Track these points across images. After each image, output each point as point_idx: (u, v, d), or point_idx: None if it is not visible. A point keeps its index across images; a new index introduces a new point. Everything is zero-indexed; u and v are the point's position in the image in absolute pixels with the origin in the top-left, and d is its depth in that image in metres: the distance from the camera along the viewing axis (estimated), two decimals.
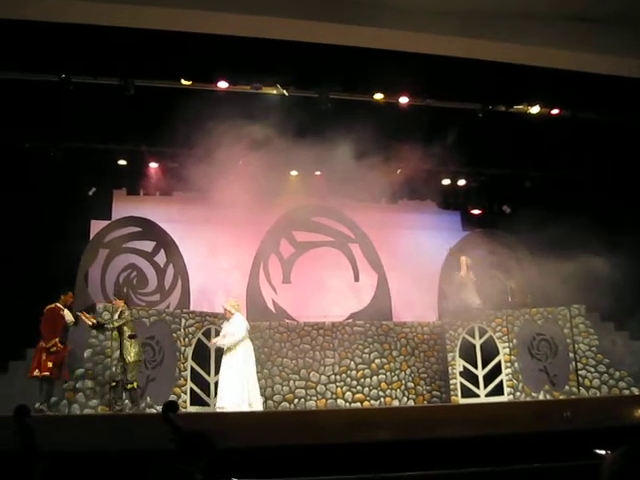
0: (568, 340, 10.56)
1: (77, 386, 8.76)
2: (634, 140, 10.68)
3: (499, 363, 10.50)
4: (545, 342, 10.61)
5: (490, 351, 10.61)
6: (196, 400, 9.65)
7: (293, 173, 11.89)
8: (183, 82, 9.48)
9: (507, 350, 10.52)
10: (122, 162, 10.94)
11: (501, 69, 9.01)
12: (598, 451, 4.42)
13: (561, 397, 10.15)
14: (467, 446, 6.10)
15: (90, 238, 11.28)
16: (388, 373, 10.94)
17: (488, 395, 10.38)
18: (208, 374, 9.87)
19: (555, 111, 10.80)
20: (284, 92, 9.85)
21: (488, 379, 10.49)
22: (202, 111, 8.93)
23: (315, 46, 8.32)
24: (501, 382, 10.40)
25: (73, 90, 9.30)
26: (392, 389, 10.86)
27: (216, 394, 9.27)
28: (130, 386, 8.33)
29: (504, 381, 10.38)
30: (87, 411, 8.63)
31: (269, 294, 11.98)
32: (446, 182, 12.23)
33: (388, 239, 12.58)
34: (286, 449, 6.05)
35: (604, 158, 11.16)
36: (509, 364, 10.43)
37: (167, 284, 11.53)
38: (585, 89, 9.62)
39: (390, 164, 11.18)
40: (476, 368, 10.60)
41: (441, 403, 10.87)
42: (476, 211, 12.79)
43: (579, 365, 10.40)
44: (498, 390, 10.37)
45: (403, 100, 10.25)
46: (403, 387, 10.94)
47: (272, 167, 10.65)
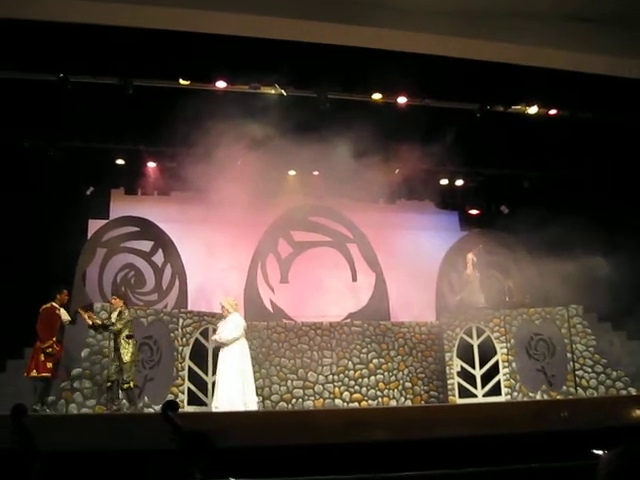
0: (566, 340, 10.58)
1: (74, 386, 8.75)
2: (632, 140, 10.70)
3: (497, 363, 10.51)
4: (543, 342, 10.63)
5: (488, 351, 10.62)
6: (194, 400, 9.65)
7: (291, 173, 11.89)
8: (181, 82, 9.48)
9: (505, 350, 10.53)
10: (120, 162, 10.93)
11: (499, 69, 9.01)
12: (596, 451, 4.42)
13: (558, 397, 10.17)
14: (465, 446, 6.10)
15: (88, 237, 11.28)
16: (386, 373, 10.95)
17: (486, 395, 10.39)
18: (206, 374, 9.86)
19: (553, 111, 10.82)
20: (282, 92, 9.86)
21: (486, 379, 10.50)
22: (200, 111, 8.91)
23: (314, 46, 8.31)
24: (499, 382, 10.41)
25: (71, 89, 9.30)
26: (390, 389, 10.87)
27: (213, 394, 9.28)
28: (127, 386, 8.31)
29: (502, 381, 10.39)
30: (84, 411, 8.62)
31: (267, 294, 11.99)
32: (444, 182, 12.25)
33: (386, 239, 12.59)
34: (283, 449, 6.04)
35: (602, 158, 11.18)
36: (507, 364, 10.44)
37: (165, 284, 11.54)
38: (583, 89, 9.62)
39: (388, 164, 11.18)
40: (474, 368, 10.61)
41: (439, 403, 10.88)
42: (474, 211, 12.81)
43: (576, 365, 10.43)
44: (496, 390, 10.38)
45: (401, 100, 10.26)
46: (401, 387, 10.95)
47: (270, 167, 10.66)
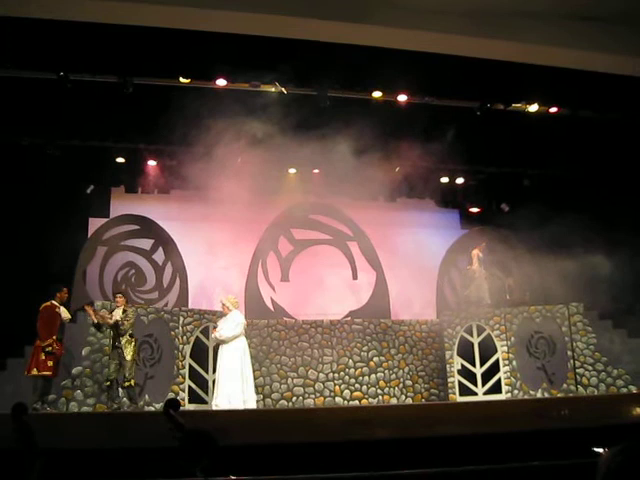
0: (566, 338, 10.58)
1: (75, 384, 8.76)
2: (633, 138, 10.69)
3: (497, 361, 10.51)
4: (543, 340, 10.63)
5: (488, 349, 10.62)
6: (194, 398, 9.66)
7: (292, 171, 11.89)
8: (181, 80, 9.47)
9: (505, 348, 10.53)
10: (120, 160, 10.94)
11: (499, 67, 9.01)
12: (596, 449, 4.42)
13: (559, 395, 10.18)
14: (465, 444, 6.10)
15: (88, 236, 11.28)
16: (386, 371, 10.95)
17: (486, 393, 10.39)
18: (206, 372, 9.86)
19: (554, 109, 10.80)
20: (283, 90, 9.84)
21: (486, 377, 10.50)
22: (200, 109, 8.91)
23: (313, 44, 8.31)
24: (499, 380, 10.41)
25: (71, 88, 9.29)
26: (390, 387, 10.88)
27: (214, 392, 9.28)
28: (127, 384, 8.31)
29: (502, 379, 10.39)
30: (85, 409, 8.63)
31: (267, 292, 12.00)
32: (445, 180, 12.26)
33: (387, 237, 12.59)
34: (284, 447, 6.04)
35: (603, 156, 11.18)
36: (507, 362, 10.44)
37: (165, 282, 11.55)
38: (584, 87, 9.62)
39: (389, 162, 11.18)
40: (474, 366, 10.61)
41: (439, 401, 10.88)
42: (475, 209, 12.81)
43: (577, 363, 10.43)
44: (496, 388, 10.38)
45: (402, 98, 10.24)
46: (401, 385, 10.96)
47: (270, 165, 10.67)
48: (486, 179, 12.43)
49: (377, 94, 10.15)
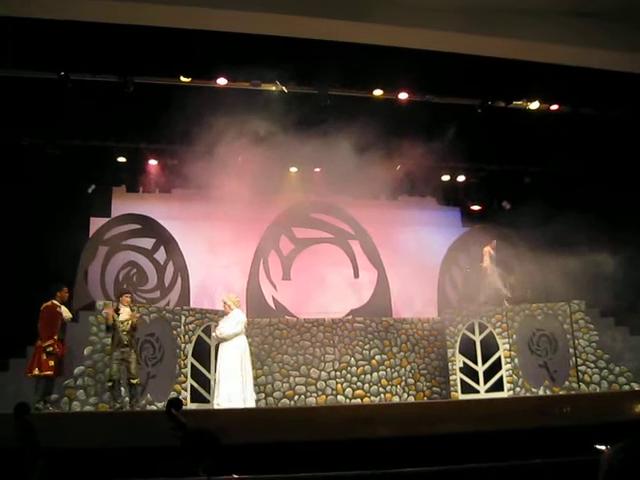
0: (568, 336, 10.58)
1: (77, 383, 8.77)
2: (634, 135, 10.68)
3: (499, 359, 10.50)
4: (545, 338, 10.63)
5: (490, 347, 10.61)
6: (196, 397, 9.65)
7: (293, 169, 11.89)
8: (182, 79, 9.47)
9: (507, 346, 10.52)
10: (121, 159, 10.93)
11: (500, 65, 9.01)
12: (598, 446, 4.42)
13: (561, 393, 10.17)
14: (467, 442, 6.11)
15: (90, 235, 11.29)
16: (388, 369, 10.95)
17: (488, 391, 10.39)
18: (208, 371, 9.87)
19: (555, 107, 10.78)
20: (283, 88, 9.84)
21: (488, 375, 10.50)
22: (201, 108, 8.91)
23: (314, 42, 8.32)
24: (501, 378, 10.40)
25: (72, 87, 9.29)
26: (392, 385, 10.87)
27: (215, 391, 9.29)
28: (136, 381, 8.32)
29: (504, 377, 10.39)
30: (87, 408, 8.63)
31: (269, 291, 12.00)
32: (446, 178, 12.25)
33: (388, 235, 12.59)
34: (286, 445, 6.05)
35: (604, 154, 11.17)
36: (509, 360, 10.43)
37: (167, 281, 11.56)
38: (585, 84, 9.62)
39: (390, 160, 11.17)
40: (476, 364, 10.60)
41: (441, 399, 10.88)
42: (476, 207, 12.79)
43: (579, 361, 10.43)
44: (498, 386, 10.37)
45: (402, 96, 10.23)
46: (403, 383, 10.96)
47: (272, 163, 10.66)
48: (487, 177, 12.42)
49: (378, 92, 10.15)
